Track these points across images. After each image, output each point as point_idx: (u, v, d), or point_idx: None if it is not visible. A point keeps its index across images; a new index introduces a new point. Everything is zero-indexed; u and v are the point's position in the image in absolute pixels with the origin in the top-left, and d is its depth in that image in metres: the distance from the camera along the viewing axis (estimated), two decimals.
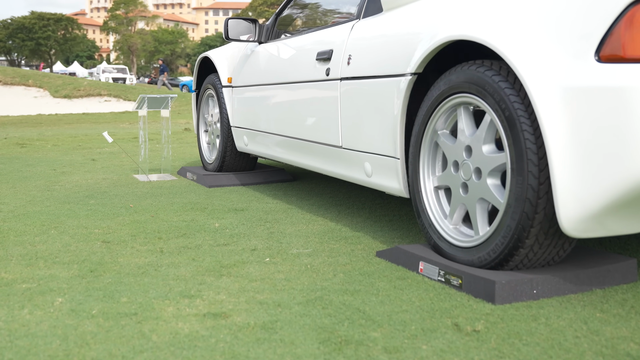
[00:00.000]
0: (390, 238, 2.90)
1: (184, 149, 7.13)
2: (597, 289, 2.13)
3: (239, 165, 4.62)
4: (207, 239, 2.90)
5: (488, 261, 2.16)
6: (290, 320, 1.90)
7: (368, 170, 2.84)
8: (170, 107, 4.93)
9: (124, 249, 2.74)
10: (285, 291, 2.17)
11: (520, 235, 2.04)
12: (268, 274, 2.37)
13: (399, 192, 2.67)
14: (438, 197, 2.48)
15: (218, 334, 1.80)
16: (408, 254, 2.41)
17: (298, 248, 2.74)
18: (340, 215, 3.41)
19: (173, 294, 2.15)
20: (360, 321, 1.88)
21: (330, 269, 2.42)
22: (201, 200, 3.88)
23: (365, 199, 3.85)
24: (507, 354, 1.64)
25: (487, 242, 2.17)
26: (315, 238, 2.91)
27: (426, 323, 1.86)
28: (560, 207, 1.91)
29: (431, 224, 2.45)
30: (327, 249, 2.71)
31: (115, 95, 21.43)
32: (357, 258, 2.57)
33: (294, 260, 2.55)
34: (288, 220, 3.30)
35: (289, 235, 2.96)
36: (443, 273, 2.23)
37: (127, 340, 1.77)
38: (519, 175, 2.02)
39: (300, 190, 4.20)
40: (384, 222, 3.23)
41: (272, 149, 3.90)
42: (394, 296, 2.10)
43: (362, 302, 2.05)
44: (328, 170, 3.24)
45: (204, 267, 2.47)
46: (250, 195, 4.03)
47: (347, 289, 2.18)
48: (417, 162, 2.51)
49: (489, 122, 2.18)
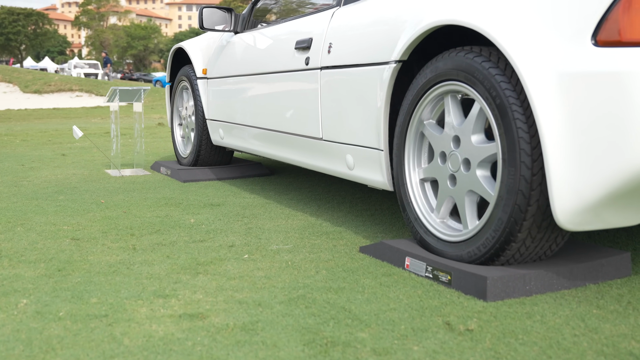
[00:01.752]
0: (373, 233, 2.80)
1: (157, 143, 6.97)
2: (591, 284, 2.05)
3: (214, 160, 4.49)
4: (182, 235, 2.78)
5: (478, 256, 2.06)
6: (272, 320, 1.79)
7: (350, 163, 2.73)
8: (143, 100, 4.78)
9: (94, 246, 2.61)
10: (266, 289, 2.06)
11: (512, 229, 1.95)
12: (247, 272, 2.25)
13: (383, 185, 2.57)
14: (424, 190, 2.39)
15: (195, 337, 1.68)
16: (393, 250, 2.31)
17: (278, 244, 2.62)
18: (320, 209, 3.30)
19: (146, 293, 2.03)
20: (347, 321, 1.78)
21: (312, 265, 2.32)
22: (176, 195, 3.75)
23: (345, 193, 3.74)
24: (503, 355, 1.54)
25: (476, 237, 2.07)
26: (295, 233, 2.80)
27: (416, 322, 1.76)
28: (555, 199, 1.82)
29: (417, 218, 2.35)
30: (308, 245, 2.60)
31: (86, 90, 21.09)
32: (340, 254, 2.46)
33: (273, 257, 2.43)
34: (266, 215, 3.18)
35: (268, 231, 2.85)
36: (431, 269, 2.13)
37: (96, 344, 1.64)
38: (511, 166, 1.93)
39: (278, 185, 4.08)
40: (366, 216, 3.13)
41: (249, 142, 3.77)
42: (381, 294, 2.00)
43: (347, 300, 1.94)
44: (308, 163, 3.13)
45: (179, 264, 2.34)
46: (226, 190, 3.91)
47: (330, 286, 2.07)
48: (402, 153, 2.41)
49: (478, 111, 2.08)
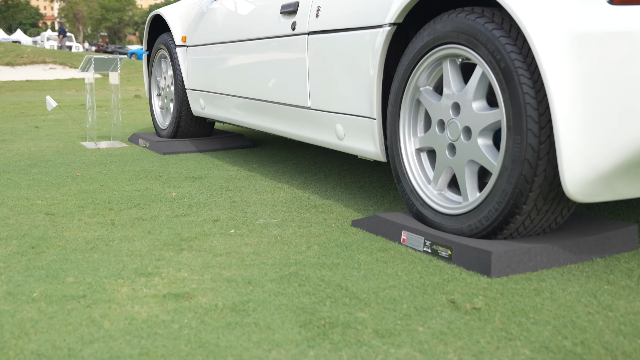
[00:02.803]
0: (364, 206, 2.68)
1: (134, 115, 6.78)
2: (598, 257, 1.95)
3: (195, 131, 4.34)
4: (163, 210, 2.64)
5: (480, 229, 1.95)
6: (264, 300, 1.67)
7: (340, 133, 2.60)
8: (119, 70, 4.59)
9: (70, 221, 2.46)
10: (255, 266, 1.93)
11: (517, 201, 1.84)
12: (234, 248, 2.12)
13: (375, 155, 2.44)
14: (420, 161, 2.26)
15: (181, 319, 1.55)
16: (388, 223, 2.19)
17: (265, 218, 2.50)
18: (307, 182, 3.17)
19: (127, 272, 1.89)
20: (344, 300, 1.66)
21: (303, 240, 2.19)
22: (155, 168, 3.59)
23: (332, 165, 3.62)
24: (516, 335, 1.43)
25: (478, 209, 1.96)
26: (282, 207, 2.67)
27: (418, 300, 1.64)
28: (565, 168, 1.71)
29: (413, 190, 2.23)
30: (297, 219, 2.48)
31: (60, 62, 20.63)
32: (331, 228, 2.34)
33: (261, 232, 2.31)
34: (251, 188, 3.05)
35: (254, 204, 2.72)
36: (429, 243, 2.02)
37: (74, 328, 1.51)
38: (517, 134, 1.81)
39: (261, 157, 3.94)
40: (355, 189, 3.00)
41: (231, 112, 3.62)
42: (378, 270, 1.88)
43: (343, 277, 1.83)
44: (294, 133, 2.99)
45: (161, 240, 2.21)
46: (208, 163, 3.76)
47: (324, 262, 1.95)
48: (397, 122, 2.28)
49: (480, 76, 1.96)
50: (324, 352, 1.37)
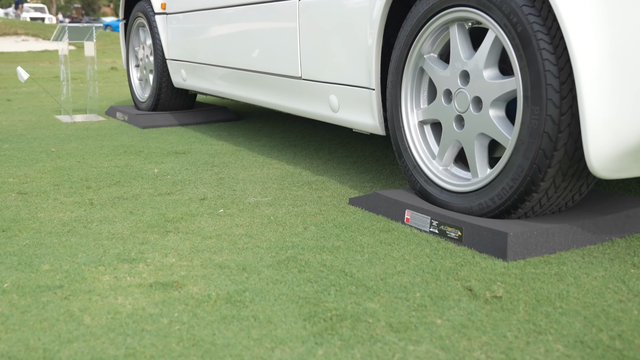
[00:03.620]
0: (360, 182, 2.52)
1: (111, 88, 6.53)
2: (617, 237, 1.82)
3: (176, 104, 4.14)
4: (145, 188, 2.46)
5: (492, 208, 1.81)
6: (262, 289, 1.51)
7: (334, 104, 2.43)
8: (94, 40, 4.36)
9: (45, 201, 2.28)
10: (249, 250, 1.77)
11: (534, 177, 1.69)
12: (224, 229, 1.96)
13: (373, 128, 2.28)
14: (424, 134, 2.11)
15: (171, 312, 1.39)
16: (390, 201, 2.04)
17: (255, 196, 2.33)
18: (297, 157, 3.00)
19: (108, 257, 1.72)
20: (350, 288, 1.51)
21: (298, 220, 2.03)
22: (135, 142, 3.40)
23: (322, 138, 3.45)
24: (545, 328, 1.29)
25: (490, 186, 1.81)
26: (273, 184, 2.50)
27: (432, 288, 1.50)
28: (590, 141, 1.56)
29: (416, 165, 2.07)
30: (290, 197, 2.31)
31: (33, 34, 20.09)
32: (328, 207, 2.18)
33: (253, 211, 2.14)
34: (238, 163, 2.88)
35: (242, 181, 2.55)
36: (437, 224, 1.87)
37: (50, 324, 1.34)
38: (535, 105, 1.66)
39: (247, 131, 3.76)
40: (348, 164, 2.84)
41: (215, 83, 3.43)
42: (383, 253, 1.73)
43: (346, 262, 1.67)
44: (283, 105, 2.81)
45: (145, 221, 2.04)
46: (191, 137, 3.57)
47: (323, 245, 1.80)
48: (398, 93, 2.12)
49: (492, 41, 1.80)
50: (334, 350, 1.22)
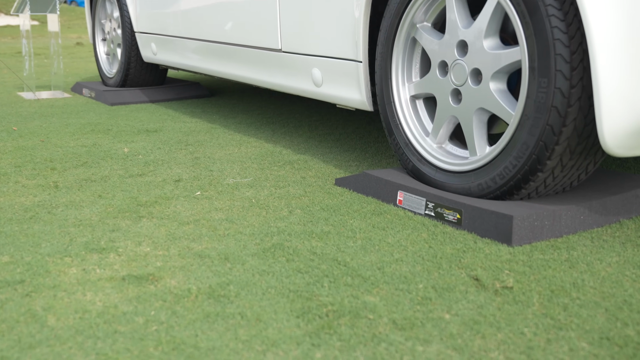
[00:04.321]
0: (345, 161, 2.38)
1: (77, 64, 6.28)
2: (625, 219, 1.70)
3: (145, 79, 3.94)
4: (115, 169, 2.29)
5: (492, 189, 1.68)
6: (247, 281, 1.36)
7: (317, 78, 2.28)
8: (58, 11, 4.13)
9: (5, 184, 2.10)
10: (231, 237, 1.62)
11: (540, 156, 1.56)
12: (203, 214, 1.80)
13: (360, 104, 2.13)
14: (416, 109, 1.97)
15: (147, 310, 1.24)
16: (381, 182, 1.90)
17: (234, 177, 2.18)
18: (276, 135, 2.85)
19: (76, 247, 1.56)
20: (345, 279, 1.37)
21: (282, 203, 1.89)
22: (103, 120, 3.21)
23: (301, 115, 3.29)
24: (565, 323, 1.17)
25: (491, 165, 1.68)
26: (252, 164, 2.35)
27: (434, 278, 1.37)
28: (605, 116, 1.44)
29: (408, 143, 1.94)
30: (271, 177, 2.16)
31: None
32: (313, 188, 2.04)
33: (232, 194, 1.99)
34: (214, 142, 2.71)
35: (220, 161, 2.39)
36: (432, 206, 1.73)
37: (8, 327, 1.18)
38: (543, 77, 1.52)
39: (221, 107, 3.59)
40: (330, 141, 2.70)
41: (187, 57, 3.25)
42: (377, 239, 1.59)
43: (338, 249, 1.53)
44: (262, 80, 2.65)
45: (115, 206, 1.87)
46: (162, 114, 3.39)
47: (311, 230, 1.66)
48: (388, 65, 1.97)
49: (494, 8, 1.65)
50: (334, 353, 1.09)
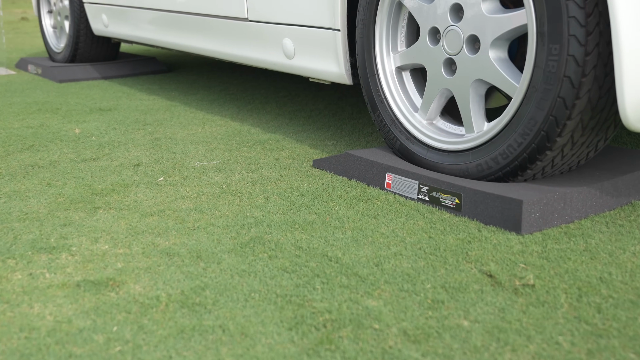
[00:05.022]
0: (320, 140, 2.18)
1: (22, 39, 5.91)
2: (637, 200, 1.55)
3: (97, 54, 3.66)
4: (66, 152, 2.05)
5: (494, 170, 1.51)
6: (226, 285, 1.17)
7: (288, 50, 2.07)
8: None
9: None
10: (202, 230, 1.42)
11: (549, 132, 1.39)
12: (168, 203, 1.59)
13: (338, 77, 1.94)
14: (402, 82, 1.78)
15: (108, 325, 1.04)
16: (366, 163, 1.72)
17: (200, 160, 1.96)
18: (242, 112, 2.63)
19: (21, 246, 1.34)
20: (339, 279, 1.18)
21: (257, 189, 1.69)
22: (51, 99, 2.95)
23: (267, 90, 3.08)
24: (604, 329, 1.00)
25: (492, 143, 1.51)
26: (219, 144, 2.14)
27: (442, 275, 1.19)
28: (627, 86, 1.27)
29: (395, 120, 1.75)
30: (242, 160, 1.96)
31: None
32: (289, 171, 1.84)
33: (199, 179, 1.78)
34: (175, 121, 2.49)
35: (182, 142, 2.17)
36: (427, 190, 1.56)
37: None
38: (554, 42, 1.35)
39: (181, 83, 3.35)
40: (301, 119, 2.50)
41: (142, 29, 2.99)
42: (369, 229, 1.41)
43: (326, 242, 1.35)
44: (226, 53, 2.43)
45: (66, 196, 1.65)
46: (116, 91, 3.14)
47: (293, 220, 1.46)
48: (371, 33, 1.78)
49: None
50: None
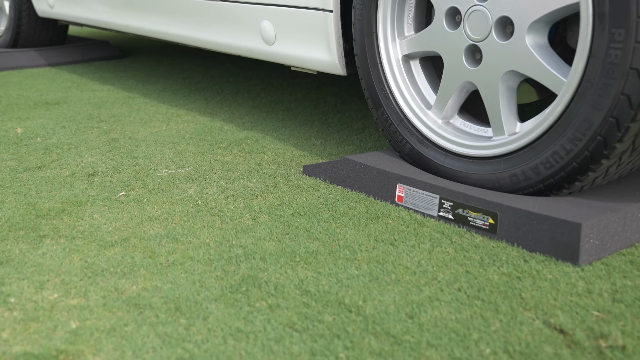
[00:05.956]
0: (306, 139, 1.89)
1: None
2: None
3: (42, 38, 3.30)
4: (5, 159, 1.72)
5: (534, 181, 1.24)
6: (219, 355, 0.87)
7: (268, 34, 1.77)
8: None
9: None
10: (179, 267, 1.12)
11: (608, 137, 1.13)
12: (132, 227, 1.29)
13: (329, 66, 1.65)
14: (411, 74, 1.50)
15: None
16: (371, 171, 1.43)
17: (168, 166, 1.66)
18: (211, 105, 2.32)
19: None
20: (369, 341, 0.90)
21: (241, 205, 1.39)
22: None
23: (236, 79, 2.77)
24: None
25: (531, 150, 1.24)
26: (188, 145, 1.83)
27: (499, 332, 0.92)
28: None
29: (404, 118, 1.47)
30: (217, 165, 1.66)
31: None
32: (275, 179, 1.55)
33: (169, 192, 1.47)
34: (134, 116, 2.16)
35: (145, 143, 1.85)
36: (450, 206, 1.28)
37: None
38: (618, 26, 1.08)
39: (138, 71, 3.01)
40: (280, 112, 2.20)
41: (93, 10, 2.65)
42: (389, 261, 1.13)
43: (338, 282, 1.06)
44: (193, 38, 2.11)
45: (4, 219, 1.33)
46: (65, 81, 2.78)
47: (292, 250, 1.17)
48: (372, 14, 1.49)
49: None
50: None
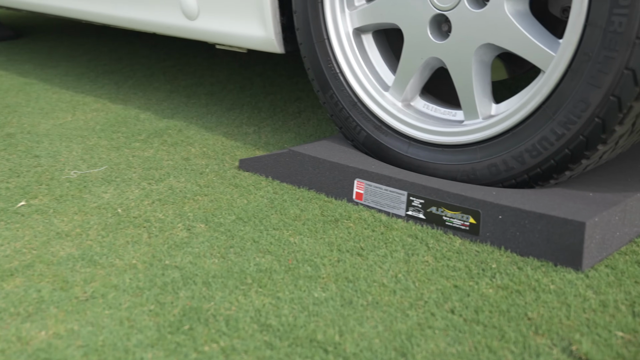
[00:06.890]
0: (236, 127, 1.67)
1: None
2: None
3: None
4: None
5: (517, 172, 1.07)
6: None
7: (189, 8, 1.53)
8: None
9: None
10: (100, 302, 0.88)
11: (607, 118, 0.97)
12: (37, 247, 1.04)
13: (264, 43, 1.43)
14: (363, 50, 1.29)
15: None
16: (323, 165, 1.23)
17: (77, 166, 1.40)
18: (123, 90, 2.05)
19: None
20: None
21: (171, 212, 1.16)
22: None
23: (148, 60, 2.49)
24: None
25: (513, 135, 1.07)
26: (100, 139, 1.57)
27: None
28: None
29: (357, 102, 1.27)
30: (137, 163, 1.41)
31: None
32: (208, 177, 1.32)
33: (81, 199, 1.22)
34: (33, 106, 1.87)
35: (48, 138, 1.58)
36: (421, 204, 1.10)
37: None
38: None
39: (35, 53, 2.68)
40: (203, 97, 1.96)
41: None
42: (360, 278, 0.93)
43: (305, 311, 0.86)
44: (100, 14, 1.84)
45: None
46: None
47: (241, 270, 0.96)
48: None
49: None
50: None
